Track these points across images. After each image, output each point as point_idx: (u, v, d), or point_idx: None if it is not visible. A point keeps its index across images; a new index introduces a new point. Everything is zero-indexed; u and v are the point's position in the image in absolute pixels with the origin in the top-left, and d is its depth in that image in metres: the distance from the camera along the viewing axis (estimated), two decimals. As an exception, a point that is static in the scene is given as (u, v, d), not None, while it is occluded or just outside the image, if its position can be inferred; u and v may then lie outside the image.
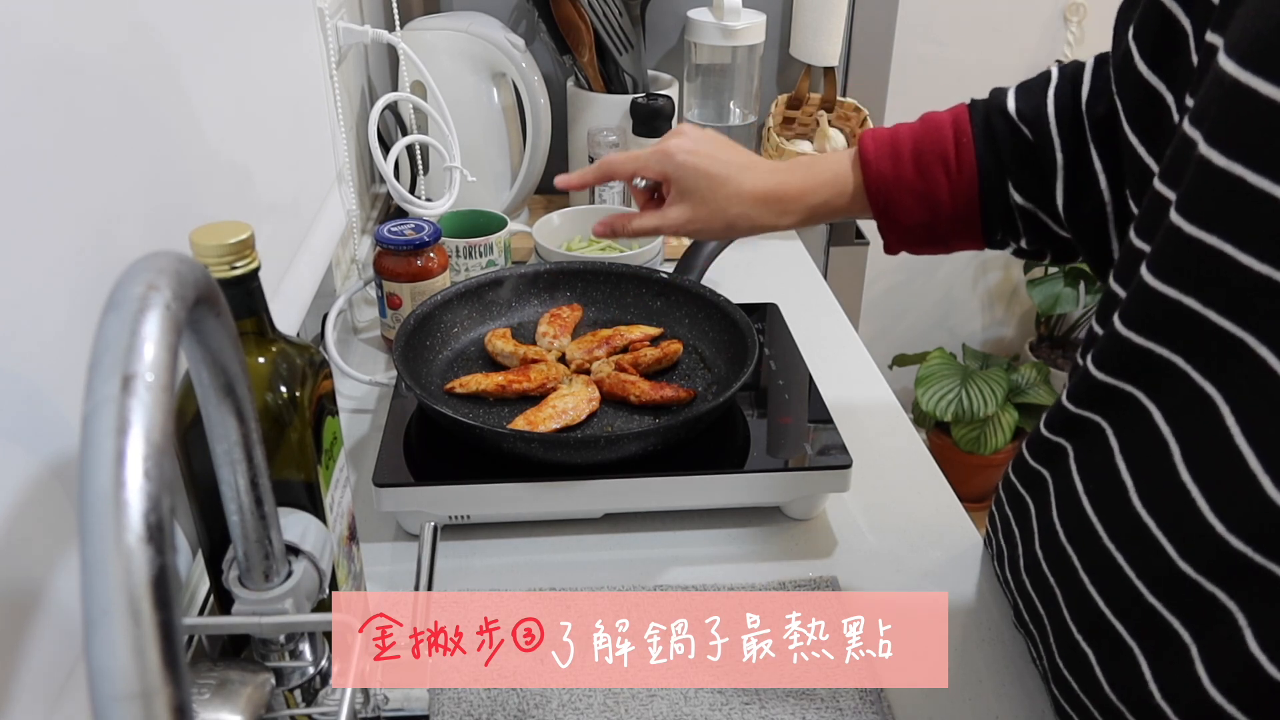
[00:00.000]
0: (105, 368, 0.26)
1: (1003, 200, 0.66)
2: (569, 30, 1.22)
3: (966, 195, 0.66)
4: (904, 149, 0.67)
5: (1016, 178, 0.65)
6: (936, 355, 2.20)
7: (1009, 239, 0.68)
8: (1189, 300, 0.45)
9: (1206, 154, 0.43)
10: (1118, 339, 0.50)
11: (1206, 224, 0.43)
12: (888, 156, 0.68)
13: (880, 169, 0.68)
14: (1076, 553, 0.55)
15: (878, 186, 0.68)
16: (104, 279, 0.48)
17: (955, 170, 0.66)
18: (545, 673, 0.64)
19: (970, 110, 0.67)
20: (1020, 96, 0.65)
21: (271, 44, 0.80)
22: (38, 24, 0.44)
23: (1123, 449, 0.51)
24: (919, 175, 0.67)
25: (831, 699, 0.62)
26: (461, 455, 0.76)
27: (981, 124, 0.66)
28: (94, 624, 0.24)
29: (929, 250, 0.71)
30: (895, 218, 0.68)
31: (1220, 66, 0.42)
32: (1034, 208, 0.65)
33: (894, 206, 0.68)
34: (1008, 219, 0.67)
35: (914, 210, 0.68)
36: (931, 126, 0.67)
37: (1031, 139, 0.63)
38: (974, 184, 0.66)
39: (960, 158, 0.66)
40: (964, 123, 0.66)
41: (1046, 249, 0.68)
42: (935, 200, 0.67)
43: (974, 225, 0.67)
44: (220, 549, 0.49)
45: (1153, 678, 0.49)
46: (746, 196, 0.70)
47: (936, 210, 0.67)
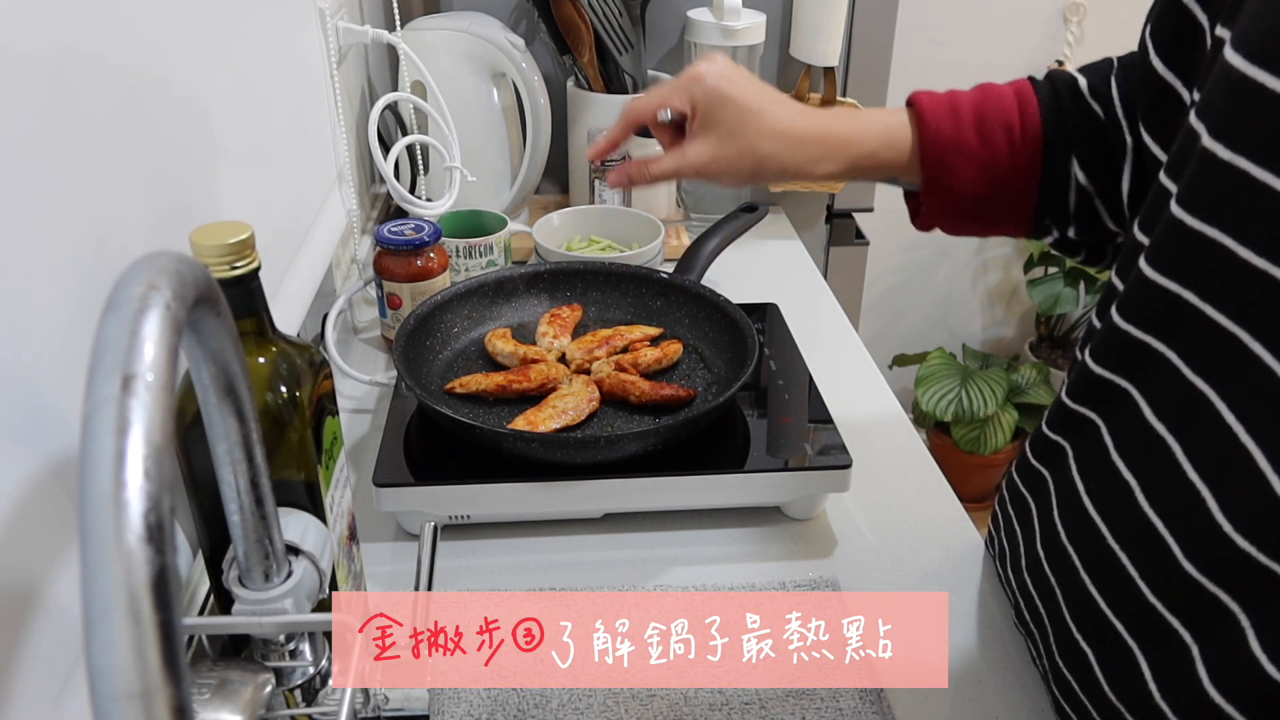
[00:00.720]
0: (105, 368, 0.26)
1: (1064, 178, 0.62)
2: (569, 30, 1.22)
3: (1027, 167, 0.62)
4: (964, 111, 0.62)
5: (1083, 154, 0.61)
6: (936, 355, 2.20)
7: (1055, 226, 0.64)
8: (1187, 293, 0.45)
9: (1210, 147, 0.43)
10: (1114, 331, 0.50)
11: (1207, 217, 0.43)
12: (947, 116, 0.62)
13: (940, 127, 0.62)
14: (1078, 553, 0.55)
15: (935, 147, 0.62)
16: (104, 279, 0.48)
17: (1019, 139, 0.61)
18: (545, 673, 0.64)
19: (1034, 83, 0.63)
20: (1089, 74, 0.62)
21: (272, 44, 0.80)
22: (38, 24, 0.44)
23: (1117, 446, 0.51)
24: (980, 140, 0.62)
25: (831, 699, 0.62)
26: (461, 455, 0.76)
27: (1049, 95, 0.62)
28: (94, 624, 0.24)
29: (967, 228, 0.66)
30: (948, 184, 0.63)
31: (1226, 60, 0.42)
32: (1093, 189, 0.61)
33: (948, 172, 0.62)
34: (1062, 201, 0.63)
35: (970, 178, 0.62)
36: (993, 94, 0.63)
37: (1101, 115, 0.60)
38: (1037, 156, 0.61)
39: (1025, 126, 0.61)
40: (1028, 93, 0.63)
41: (1086, 243, 0.64)
42: (995, 168, 0.62)
43: (1028, 203, 0.63)
44: (220, 549, 0.50)
45: (1153, 679, 0.49)
46: (781, 133, 0.63)
47: (994, 179, 0.62)
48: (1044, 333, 2.40)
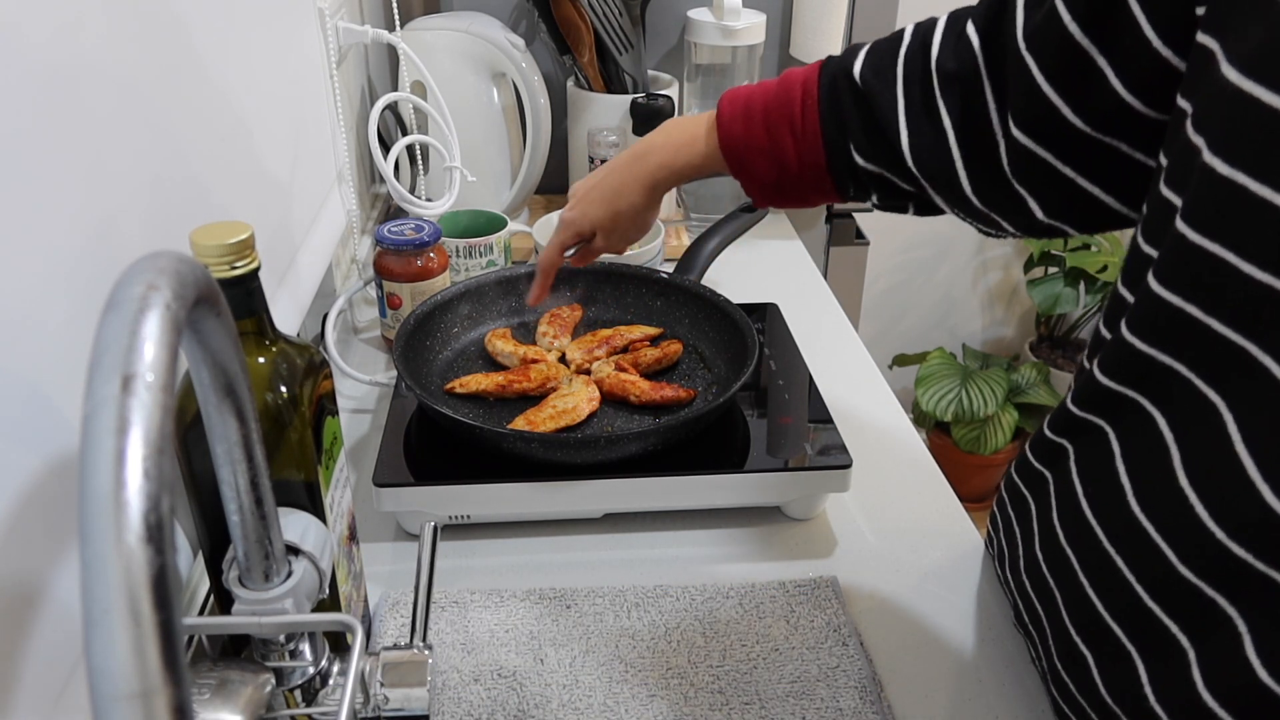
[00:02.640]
0: (105, 368, 0.26)
1: (847, 162, 0.67)
2: (569, 30, 1.22)
3: (813, 157, 0.68)
4: (756, 111, 0.69)
5: (858, 142, 0.66)
6: (936, 355, 2.20)
7: (862, 195, 0.70)
8: (1192, 308, 0.45)
9: (1210, 162, 0.43)
10: (1125, 346, 0.50)
11: (1209, 232, 0.43)
12: (740, 118, 0.70)
13: (732, 131, 0.70)
14: (1075, 554, 0.55)
15: (730, 148, 0.70)
16: (104, 279, 0.49)
17: (800, 133, 0.68)
18: (545, 673, 0.64)
19: (820, 71, 0.68)
20: (868, 59, 0.65)
21: (272, 44, 0.80)
22: (39, 24, 0.44)
23: (1124, 453, 0.51)
24: (767, 137, 0.69)
25: (831, 699, 0.62)
26: (461, 455, 0.76)
27: (827, 87, 0.67)
28: (94, 624, 0.24)
29: (789, 204, 0.73)
30: (750, 175, 0.71)
31: (1222, 74, 0.42)
32: (880, 169, 0.66)
33: (747, 166, 0.70)
34: (856, 179, 0.68)
35: (766, 170, 0.70)
36: (784, 88, 0.69)
37: (873, 102, 0.64)
38: (819, 147, 0.67)
39: (805, 121, 0.67)
40: (812, 85, 0.68)
41: (904, 203, 0.69)
42: (784, 161, 0.69)
43: (825, 183, 0.69)
44: (220, 549, 0.50)
45: (1149, 682, 0.49)
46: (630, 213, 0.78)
47: (785, 170, 0.69)
48: (1044, 333, 2.40)
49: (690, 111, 1.32)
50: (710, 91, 1.31)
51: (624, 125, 1.23)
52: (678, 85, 1.31)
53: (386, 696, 0.48)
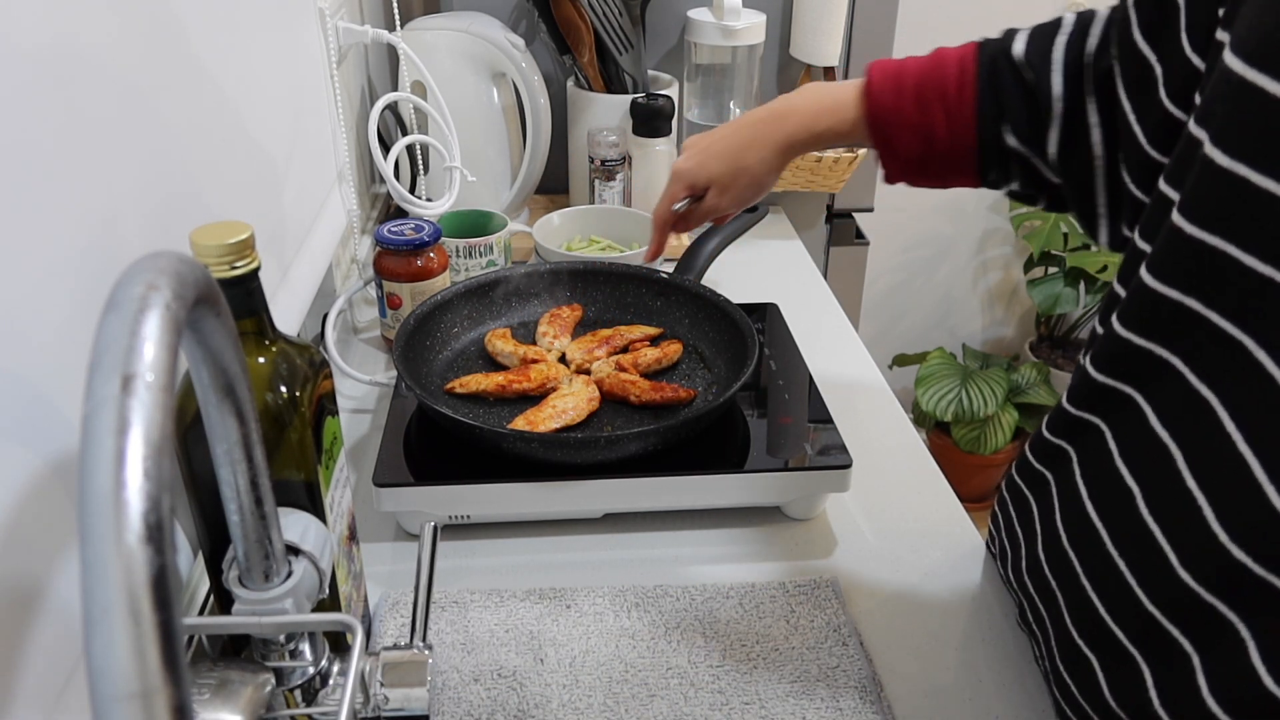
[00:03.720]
0: (105, 368, 0.26)
1: (997, 142, 0.67)
2: (569, 30, 1.22)
3: (963, 134, 0.67)
4: (907, 82, 0.69)
5: (1012, 120, 0.65)
6: (936, 355, 2.20)
7: (1002, 180, 0.70)
8: (1190, 301, 0.45)
9: (1210, 154, 0.43)
10: (1115, 339, 0.50)
11: (1209, 225, 0.43)
12: (891, 89, 0.69)
13: (882, 100, 0.69)
14: (1078, 557, 0.55)
15: (878, 117, 0.70)
16: (104, 279, 0.49)
17: (954, 108, 0.67)
18: (545, 673, 0.64)
19: (978, 50, 0.68)
20: (1030, 40, 0.65)
21: (272, 44, 0.80)
22: (38, 24, 0.44)
23: (1122, 453, 0.51)
24: (918, 110, 0.68)
25: (831, 699, 0.62)
26: (461, 455, 0.76)
27: (987, 65, 0.66)
28: (94, 624, 0.24)
29: (925, 183, 0.72)
30: (893, 148, 0.70)
31: (1226, 64, 0.42)
32: (1028, 152, 0.66)
33: (891, 138, 0.70)
34: (1002, 161, 0.68)
35: (910, 143, 0.69)
36: (938, 63, 0.69)
37: (1033, 83, 0.64)
38: (970, 123, 0.67)
39: (960, 96, 0.67)
40: (970, 61, 0.67)
41: (1040, 194, 0.69)
42: (932, 136, 0.68)
43: (969, 164, 0.69)
44: (220, 549, 0.50)
45: (1154, 688, 0.49)
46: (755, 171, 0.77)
47: (932, 145, 0.69)
48: (1044, 333, 2.40)
49: (691, 112, 1.32)
50: (710, 92, 1.31)
51: (624, 125, 1.23)
52: (678, 85, 1.31)
53: (386, 696, 0.48)
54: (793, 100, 0.75)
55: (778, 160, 0.76)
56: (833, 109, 0.72)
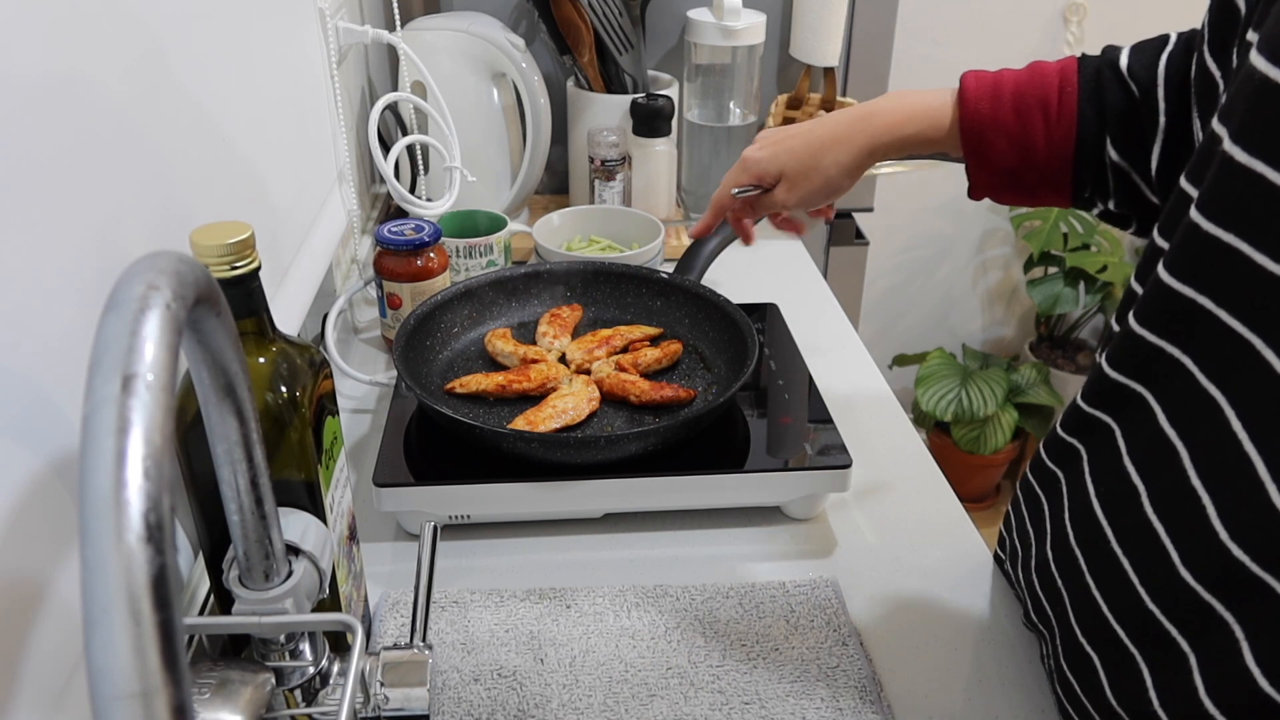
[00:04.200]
0: (106, 368, 0.26)
1: (1098, 155, 0.65)
2: (569, 30, 1.22)
3: (1062, 146, 0.65)
4: (1005, 91, 0.67)
5: (1115, 133, 0.64)
6: (936, 355, 2.20)
7: (1098, 198, 0.67)
8: (1202, 299, 0.45)
9: (1229, 150, 0.43)
10: (1131, 336, 0.50)
11: (1224, 222, 0.43)
12: (988, 96, 0.67)
13: (978, 108, 0.67)
14: (1084, 555, 0.55)
15: (973, 125, 0.67)
16: (105, 279, 0.49)
17: (1055, 118, 0.65)
18: (545, 672, 0.64)
19: (1080, 63, 0.66)
20: (1134, 54, 0.64)
21: (272, 44, 0.80)
22: (39, 24, 0.44)
23: (1130, 451, 0.51)
24: (1017, 119, 0.66)
25: (831, 699, 0.62)
26: (461, 455, 0.76)
27: (1090, 76, 0.65)
28: (94, 623, 0.24)
29: (1013, 199, 0.70)
30: (986, 158, 0.68)
31: (1251, 63, 0.42)
32: (1128, 166, 0.64)
33: (986, 147, 0.67)
34: (1099, 176, 0.66)
35: (1006, 154, 0.67)
36: (1037, 73, 0.67)
37: (1138, 96, 0.62)
38: (1071, 135, 0.65)
39: (1062, 106, 0.65)
40: (1071, 73, 0.65)
41: (1134, 214, 0.67)
42: (1030, 146, 0.66)
43: (1065, 178, 0.67)
44: (220, 549, 0.50)
45: (1153, 687, 0.49)
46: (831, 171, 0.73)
47: (1029, 157, 0.66)
48: (1044, 333, 2.40)
49: (691, 113, 1.32)
50: (710, 91, 1.31)
51: (624, 125, 1.23)
52: (678, 85, 1.31)
53: (386, 696, 0.48)
54: (879, 104, 0.72)
55: (857, 163, 0.72)
56: (924, 114, 0.70)
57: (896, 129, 0.70)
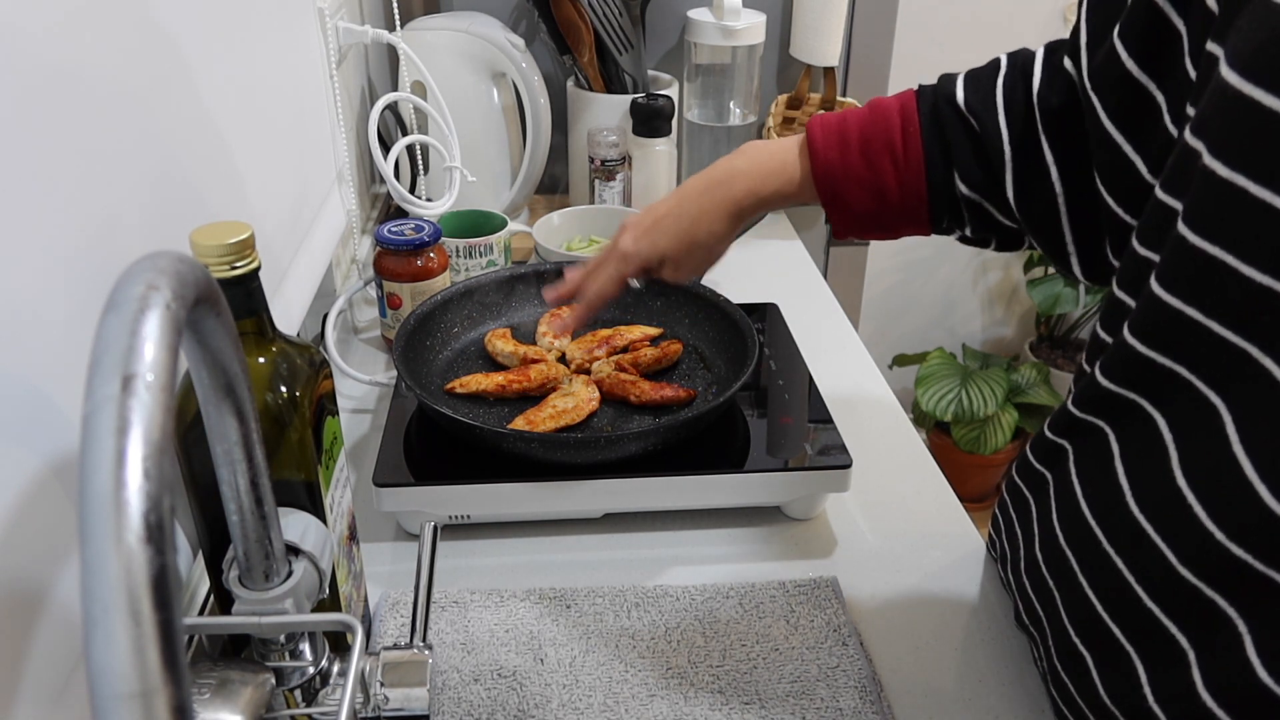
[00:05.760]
0: (105, 368, 0.26)
1: (949, 190, 0.66)
2: (569, 30, 1.22)
3: (914, 185, 0.66)
4: (852, 137, 0.67)
5: (962, 169, 0.65)
6: (936, 355, 2.20)
7: (955, 226, 0.69)
8: (1191, 311, 0.45)
9: (1210, 165, 0.43)
10: (1126, 349, 0.50)
11: (1209, 235, 0.43)
12: (835, 145, 0.67)
13: (828, 158, 0.67)
14: (1075, 555, 0.55)
15: (825, 176, 0.68)
16: (104, 279, 0.49)
17: (902, 161, 0.66)
18: (545, 673, 0.64)
19: (918, 98, 0.66)
20: (969, 86, 0.64)
21: (272, 44, 0.80)
22: (40, 25, 0.44)
23: (1123, 453, 0.51)
24: (866, 165, 0.67)
25: (831, 699, 0.62)
26: (461, 455, 0.76)
27: (929, 113, 0.65)
28: (94, 623, 0.24)
29: (876, 235, 0.71)
30: (844, 206, 0.68)
31: (1222, 77, 0.42)
32: (979, 198, 0.65)
33: (841, 196, 0.68)
34: (954, 208, 0.67)
35: (862, 200, 0.67)
36: (879, 114, 0.67)
37: (979, 130, 0.63)
38: (920, 174, 0.66)
39: (907, 147, 0.66)
40: (911, 111, 0.66)
41: (991, 237, 0.68)
42: (883, 190, 0.67)
43: (921, 214, 0.67)
44: (220, 549, 0.50)
45: (1148, 683, 0.49)
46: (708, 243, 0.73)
47: (884, 199, 0.67)
48: (1044, 333, 2.40)
49: (691, 113, 1.32)
50: (710, 91, 1.31)
51: (624, 125, 1.23)
52: (678, 85, 1.31)
53: (386, 696, 0.48)
54: (735, 164, 0.72)
55: (728, 229, 0.73)
56: (778, 171, 0.70)
57: (755, 190, 0.71)
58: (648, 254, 0.74)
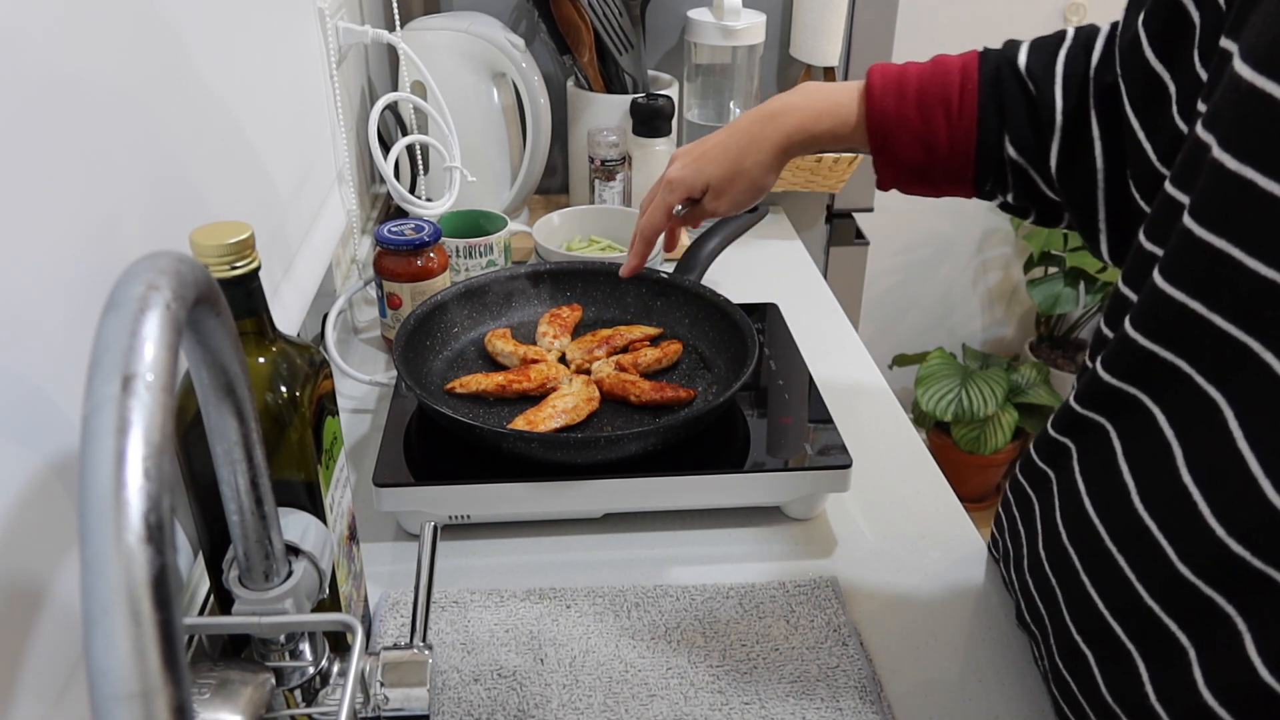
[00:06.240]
0: (105, 368, 0.26)
1: (997, 152, 0.66)
2: (569, 30, 1.22)
3: (964, 142, 0.67)
4: (909, 88, 0.68)
5: (1014, 132, 0.65)
6: (936, 355, 2.20)
7: (998, 191, 0.69)
8: (1195, 304, 0.45)
9: (1219, 158, 0.43)
10: (1127, 342, 0.50)
11: (1216, 228, 0.43)
12: (893, 94, 0.68)
13: (884, 105, 0.68)
14: (1077, 553, 0.55)
15: (879, 122, 0.69)
16: (104, 279, 0.49)
17: (956, 116, 0.67)
18: (545, 673, 0.64)
19: (981, 59, 0.67)
20: (1032, 52, 0.65)
21: (272, 44, 0.80)
22: (40, 25, 0.44)
23: (1125, 451, 0.51)
24: (920, 116, 0.67)
25: (831, 699, 0.62)
26: (461, 455, 0.76)
27: (990, 74, 0.66)
28: (94, 623, 0.24)
29: (919, 190, 0.72)
30: (893, 154, 0.69)
31: (1235, 71, 0.43)
32: (1026, 164, 0.66)
33: (892, 144, 0.69)
34: (999, 171, 0.67)
35: (911, 149, 0.68)
36: (940, 70, 0.68)
37: (1035, 95, 0.64)
38: (972, 133, 0.66)
39: (963, 104, 0.66)
40: (972, 70, 0.67)
41: (1032, 207, 0.69)
42: (933, 143, 0.68)
43: (967, 173, 0.68)
44: (220, 549, 0.50)
45: (1149, 681, 0.49)
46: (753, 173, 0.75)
47: (933, 153, 0.68)
48: (1044, 333, 2.40)
49: (691, 113, 1.32)
50: (710, 91, 1.31)
51: (624, 125, 1.23)
52: (678, 85, 1.31)
53: (386, 696, 0.48)
54: (791, 100, 0.74)
55: (775, 161, 0.75)
56: (833, 111, 0.71)
57: (807, 127, 0.72)
58: (693, 180, 0.77)
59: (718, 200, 0.77)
